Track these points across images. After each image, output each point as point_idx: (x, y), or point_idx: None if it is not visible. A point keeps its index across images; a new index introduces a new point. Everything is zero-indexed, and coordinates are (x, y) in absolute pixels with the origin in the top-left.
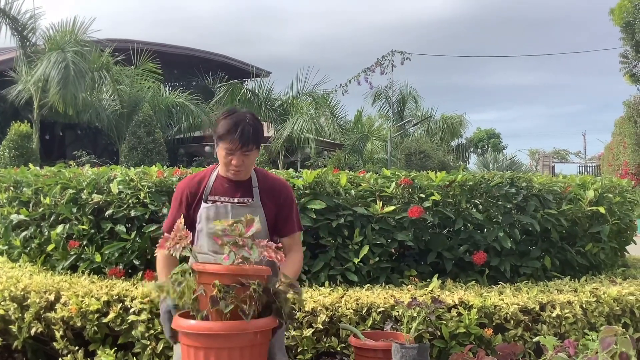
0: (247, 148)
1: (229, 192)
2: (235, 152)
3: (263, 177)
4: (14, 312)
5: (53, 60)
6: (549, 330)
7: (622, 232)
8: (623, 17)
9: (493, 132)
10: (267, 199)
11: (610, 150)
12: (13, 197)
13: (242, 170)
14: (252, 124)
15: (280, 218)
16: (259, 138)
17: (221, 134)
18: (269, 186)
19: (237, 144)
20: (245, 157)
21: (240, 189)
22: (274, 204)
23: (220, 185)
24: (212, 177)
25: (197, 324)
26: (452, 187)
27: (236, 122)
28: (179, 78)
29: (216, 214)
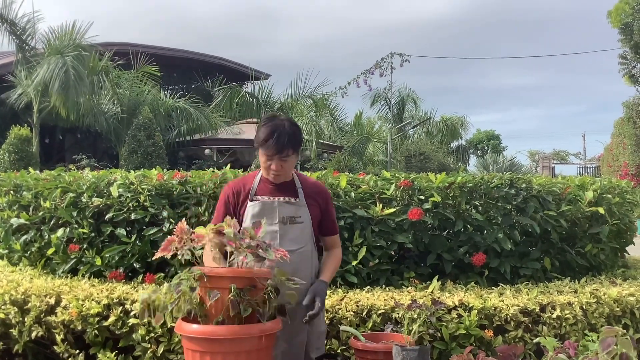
0: (284, 154)
1: (274, 192)
2: (273, 158)
3: (304, 179)
4: (15, 316)
5: (53, 65)
6: (549, 332)
7: (621, 233)
8: (620, 19)
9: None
10: (310, 199)
11: (609, 151)
12: (13, 201)
13: (281, 174)
14: (289, 131)
15: (326, 219)
16: (296, 143)
17: (260, 140)
18: (311, 188)
19: (275, 150)
20: (284, 162)
21: (284, 190)
22: (317, 204)
23: (265, 187)
24: (257, 179)
25: (203, 329)
26: (451, 189)
27: (273, 130)
28: (178, 81)
29: (262, 210)
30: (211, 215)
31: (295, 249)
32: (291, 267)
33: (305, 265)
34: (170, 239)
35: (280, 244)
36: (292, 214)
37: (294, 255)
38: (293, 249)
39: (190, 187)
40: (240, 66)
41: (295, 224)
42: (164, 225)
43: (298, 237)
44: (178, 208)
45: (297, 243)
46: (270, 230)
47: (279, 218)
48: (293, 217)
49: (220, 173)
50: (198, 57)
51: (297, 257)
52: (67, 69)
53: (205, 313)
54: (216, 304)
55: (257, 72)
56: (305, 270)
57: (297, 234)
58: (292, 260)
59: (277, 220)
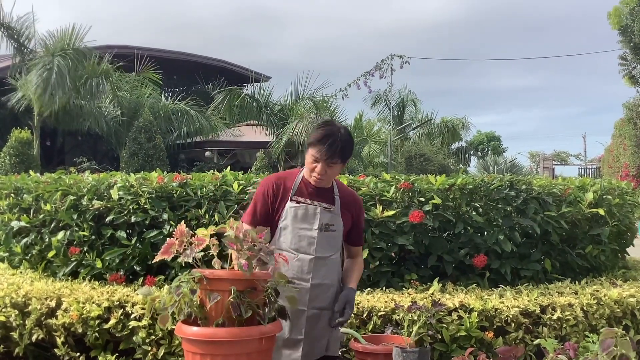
0: (332, 160)
1: (313, 196)
2: (320, 161)
3: (342, 188)
4: (15, 319)
5: (40, 65)
6: (550, 333)
7: (622, 234)
8: (620, 20)
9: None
10: (345, 208)
11: (610, 152)
12: (14, 203)
13: (323, 179)
14: (343, 139)
15: (356, 228)
16: (346, 153)
17: (312, 141)
18: (346, 197)
19: (323, 154)
20: (329, 168)
21: (323, 195)
22: (350, 214)
23: (305, 189)
24: (298, 178)
25: (203, 331)
26: (452, 191)
27: (328, 134)
28: (179, 83)
29: (305, 214)
30: (212, 218)
31: (327, 255)
32: (322, 272)
33: (333, 272)
34: (170, 242)
35: (316, 249)
36: (328, 222)
37: (326, 262)
38: (326, 255)
39: (190, 190)
40: (240, 68)
41: (329, 231)
42: (164, 228)
43: (331, 245)
44: (178, 210)
45: (329, 250)
46: (308, 236)
47: (318, 225)
48: (328, 225)
49: (221, 175)
50: (198, 59)
51: (328, 264)
52: (50, 68)
53: (205, 315)
54: (216, 306)
55: (258, 74)
56: (333, 277)
57: (330, 241)
58: (324, 266)
59: (317, 227)
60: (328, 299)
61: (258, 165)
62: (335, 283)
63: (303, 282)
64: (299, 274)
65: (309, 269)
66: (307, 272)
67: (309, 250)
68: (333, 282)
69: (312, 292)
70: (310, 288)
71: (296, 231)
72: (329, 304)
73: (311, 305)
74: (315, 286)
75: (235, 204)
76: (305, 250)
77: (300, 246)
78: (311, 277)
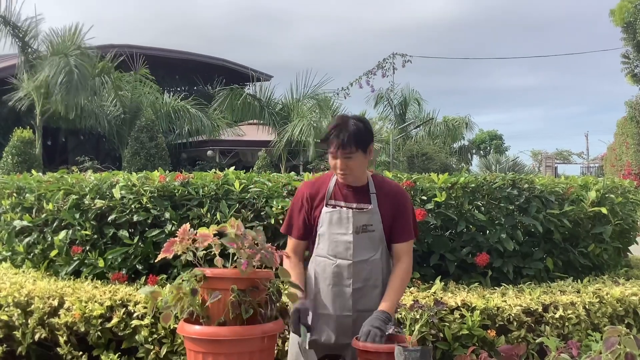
0: (347, 150)
1: (348, 197)
2: (337, 155)
3: (380, 183)
4: (18, 318)
5: (56, 65)
6: (552, 332)
7: (624, 233)
8: (623, 17)
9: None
10: (384, 205)
11: (612, 150)
12: (16, 203)
13: (347, 174)
14: (353, 127)
15: (397, 224)
16: (359, 140)
17: (324, 138)
18: (386, 192)
19: (335, 146)
20: (347, 159)
21: (358, 195)
22: (391, 210)
23: (339, 191)
24: (332, 182)
25: (205, 330)
26: (454, 189)
27: (336, 126)
28: (181, 83)
29: (339, 219)
30: (213, 217)
31: (367, 257)
32: (363, 275)
33: (376, 273)
34: (172, 241)
35: (353, 254)
36: (365, 222)
37: (367, 264)
38: (365, 257)
39: (192, 189)
40: (242, 67)
41: (367, 232)
42: (166, 227)
43: (370, 245)
44: (180, 209)
45: (369, 251)
46: (344, 240)
47: (352, 228)
48: (365, 226)
49: (223, 174)
50: (200, 58)
51: (369, 265)
52: (70, 69)
53: (207, 314)
54: (218, 305)
55: (259, 73)
56: (377, 277)
57: (369, 242)
58: (365, 268)
59: (352, 231)
60: (373, 300)
61: (260, 165)
62: (379, 283)
63: (345, 287)
64: (338, 280)
65: (349, 274)
66: (347, 278)
67: (346, 255)
68: (377, 282)
69: (355, 296)
70: (352, 293)
71: (332, 237)
72: (376, 305)
73: (355, 308)
74: (357, 290)
75: (237, 203)
76: (343, 255)
77: (338, 252)
78: (352, 282)
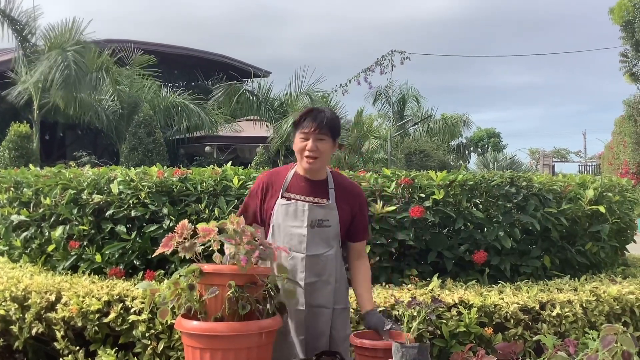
0: (322, 131)
1: (305, 191)
2: (309, 136)
3: (339, 180)
4: (15, 313)
5: (53, 59)
6: (549, 329)
7: (622, 231)
8: (623, 16)
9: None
10: (342, 201)
11: (610, 149)
12: (13, 197)
13: (317, 157)
14: (328, 114)
15: (357, 224)
16: (334, 127)
17: (296, 121)
18: (344, 189)
19: (311, 127)
20: (320, 142)
21: (316, 190)
22: (349, 207)
23: (297, 184)
24: (290, 174)
25: (203, 325)
26: (452, 187)
27: (312, 109)
28: (179, 78)
29: (295, 211)
30: (211, 212)
31: (321, 252)
32: (316, 270)
33: (330, 269)
34: (171, 236)
35: (307, 248)
36: (321, 217)
37: (320, 259)
38: (319, 252)
39: (190, 184)
40: (241, 63)
41: (322, 227)
42: (164, 223)
43: (324, 241)
44: (178, 205)
45: (323, 247)
46: (298, 234)
47: (307, 222)
48: (321, 220)
49: (221, 170)
50: (199, 54)
51: (323, 261)
52: (68, 64)
53: (205, 310)
54: (216, 300)
55: (258, 69)
56: (330, 274)
57: (323, 237)
58: (318, 263)
59: (306, 224)
60: (325, 297)
61: (258, 161)
62: (332, 280)
63: (297, 280)
64: (292, 274)
65: (302, 268)
66: (300, 271)
67: (300, 248)
68: (330, 279)
69: (307, 290)
70: (305, 287)
71: (287, 229)
72: (327, 302)
73: (308, 303)
74: (310, 284)
75: (235, 199)
76: (297, 248)
77: (292, 245)
78: (304, 275)
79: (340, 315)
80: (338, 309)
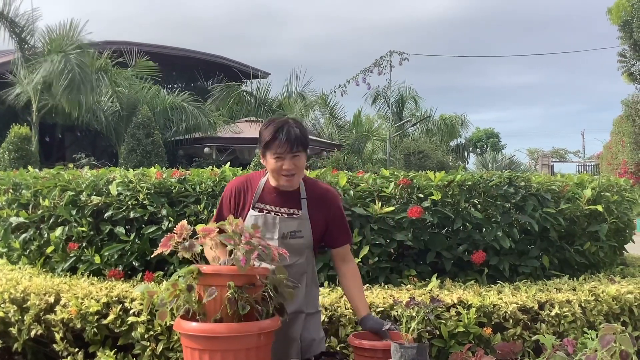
0: (296, 150)
1: (277, 202)
2: (285, 156)
3: (312, 187)
4: (14, 315)
5: (57, 63)
6: (548, 329)
7: (620, 231)
8: (621, 16)
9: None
10: (315, 210)
11: (609, 149)
12: (12, 199)
13: (295, 174)
14: (296, 127)
15: (334, 229)
16: (305, 140)
17: (267, 140)
18: (317, 196)
19: (286, 146)
20: (296, 159)
21: (288, 200)
22: (322, 215)
23: (269, 194)
24: (261, 183)
25: (201, 327)
26: (450, 187)
27: (280, 127)
28: (178, 80)
29: (264, 224)
30: (210, 214)
31: (292, 262)
32: None
33: (300, 275)
34: (170, 236)
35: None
36: (294, 229)
37: (292, 268)
38: (290, 262)
39: (189, 186)
40: (239, 65)
41: (295, 238)
42: (163, 224)
43: (295, 251)
44: (177, 206)
45: (294, 256)
46: None
47: (279, 234)
48: (294, 232)
49: (220, 171)
50: (197, 55)
51: (293, 269)
52: (72, 68)
53: (204, 311)
54: (215, 301)
55: (256, 70)
56: (300, 279)
57: (295, 248)
58: (290, 272)
59: (277, 237)
60: (297, 303)
61: (257, 162)
62: (302, 285)
63: None
64: None
65: None
66: None
67: None
68: (300, 284)
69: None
70: None
71: None
72: (300, 307)
73: None
74: None
75: None
76: None
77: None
78: None
79: (313, 319)
80: (311, 313)
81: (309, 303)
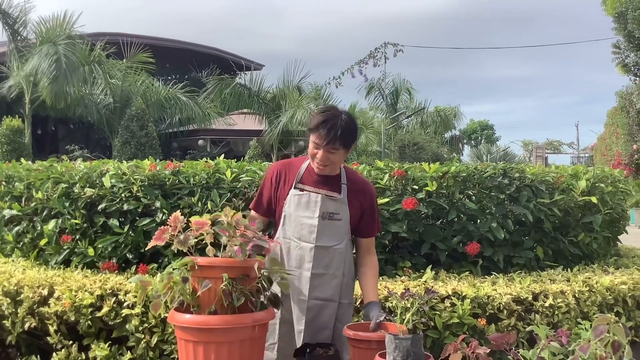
0: (333, 146)
1: (318, 184)
2: (321, 147)
3: (351, 176)
4: (8, 307)
5: (44, 53)
6: (542, 320)
7: (614, 222)
8: (615, 7)
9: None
10: (353, 197)
11: (603, 140)
12: (5, 192)
13: (326, 166)
14: (343, 124)
15: (366, 219)
16: (348, 139)
17: (311, 126)
18: (356, 185)
19: (324, 140)
20: (331, 154)
21: (328, 183)
22: (359, 203)
23: (310, 176)
24: (303, 166)
25: (196, 319)
26: (445, 179)
27: (328, 119)
28: (172, 71)
29: (307, 202)
30: (205, 206)
31: (331, 245)
32: (324, 262)
33: (338, 262)
34: (164, 229)
35: (316, 238)
36: (332, 210)
37: (328, 251)
38: (328, 245)
39: (183, 178)
40: (233, 56)
41: (333, 220)
42: (156, 216)
43: (334, 234)
44: (171, 198)
45: (333, 239)
46: (309, 224)
47: (319, 213)
48: (332, 214)
49: (214, 163)
50: (191, 47)
51: (331, 253)
52: (59, 57)
53: (198, 303)
54: (209, 293)
55: (250, 62)
56: (338, 268)
57: (333, 230)
58: (327, 255)
59: (317, 215)
60: (331, 290)
61: (251, 154)
62: (339, 275)
63: (304, 270)
64: (300, 263)
65: (310, 258)
66: (307, 261)
67: (309, 238)
68: (337, 273)
69: (313, 282)
70: (310, 277)
71: (298, 219)
72: (333, 295)
73: (312, 295)
74: (316, 276)
75: (228, 192)
76: (307, 238)
77: (302, 235)
78: (311, 266)
79: (347, 310)
80: (344, 303)
81: (345, 293)
